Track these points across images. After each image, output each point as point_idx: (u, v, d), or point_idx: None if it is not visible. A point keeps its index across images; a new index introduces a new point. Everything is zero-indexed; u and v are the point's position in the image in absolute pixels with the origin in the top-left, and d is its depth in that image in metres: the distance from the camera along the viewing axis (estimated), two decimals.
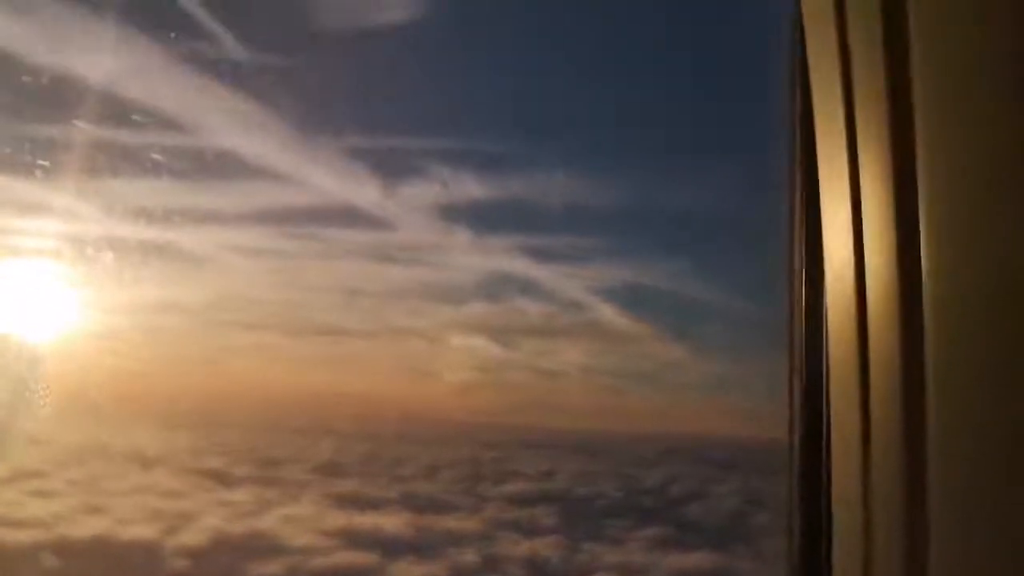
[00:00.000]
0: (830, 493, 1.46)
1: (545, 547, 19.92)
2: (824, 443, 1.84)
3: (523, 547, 19.80)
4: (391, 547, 17.73)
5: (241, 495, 21.89)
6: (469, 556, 18.35)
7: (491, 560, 18.40)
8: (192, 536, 16.96)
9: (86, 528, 16.21)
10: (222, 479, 24.18)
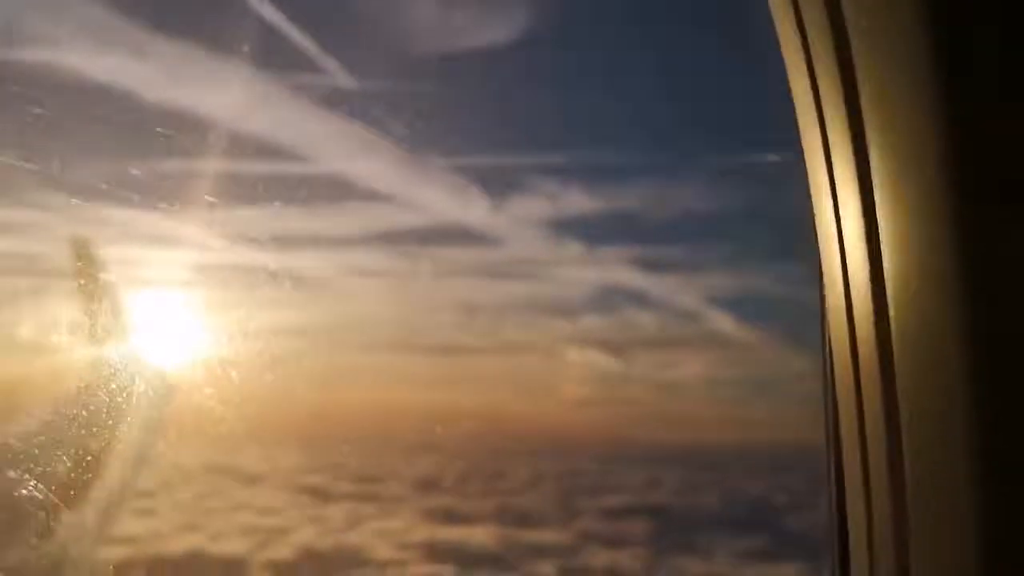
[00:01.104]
0: None
1: (627, 558, 19.96)
2: None
3: (604, 558, 19.91)
4: (469, 559, 18.18)
5: (335, 511, 22.80)
6: (546, 568, 18.60)
7: (567, 571, 18.61)
8: (279, 550, 17.84)
9: (180, 544, 17.26)
10: (321, 495, 25.21)
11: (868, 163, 1.20)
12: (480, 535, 21.30)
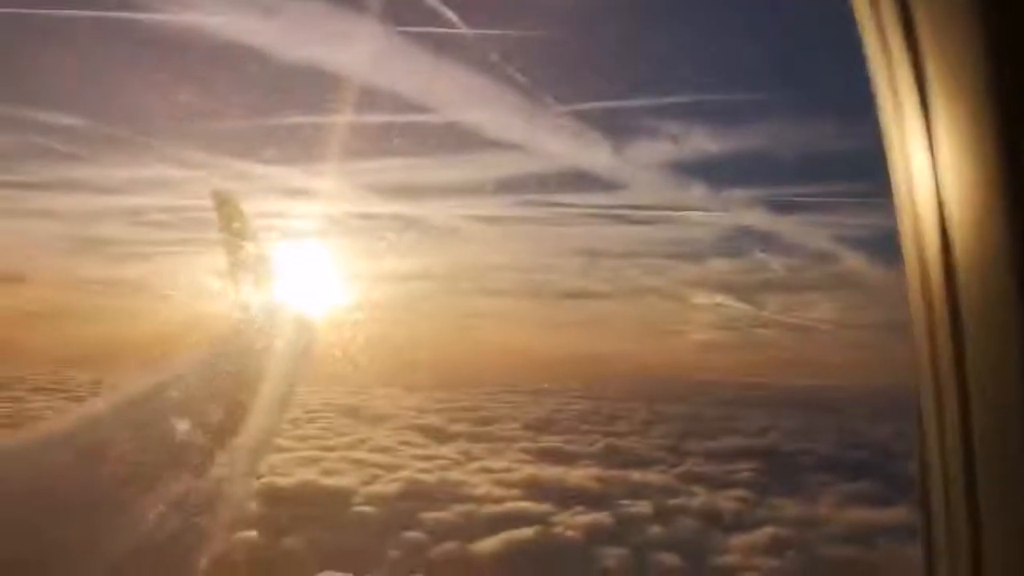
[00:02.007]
0: None
1: (727, 500, 19.98)
2: None
3: (701, 500, 19.98)
4: (565, 498, 18.65)
5: (447, 450, 23.76)
6: (641, 507, 18.91)
7: (663, 511, 18.80)
8: (385, 486, 18.94)
9: (294, 478, 18.61)
10: (436, 435, 26.27)
11: (928, 103, 1.26)
12: (581, 475, 21.83)
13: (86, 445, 3.30)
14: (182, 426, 3.86)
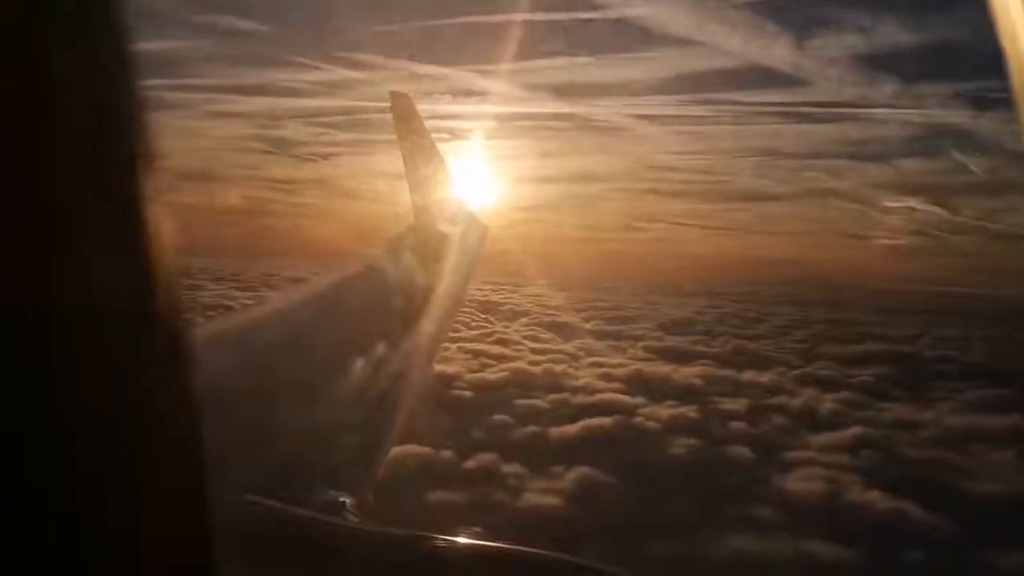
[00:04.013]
0: None
1: (831, 402, 19.78)
2: None
3: (803, 400, 19.88)
4: (660, 393, 19.18)
5: (569, 346, 24.74)
6: (734, 405, 19.40)
7: (756, 409, 18.95)
8: (491, 375, 20.22)
9: None
10: (563, 331, 27.27)
11: None
12: (688, 373, 22.39)
13: (284, 334, 3.57)
14: (369, 316, 4.18)
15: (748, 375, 22.33)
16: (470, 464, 14.16)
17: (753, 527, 12.54)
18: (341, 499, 2.65)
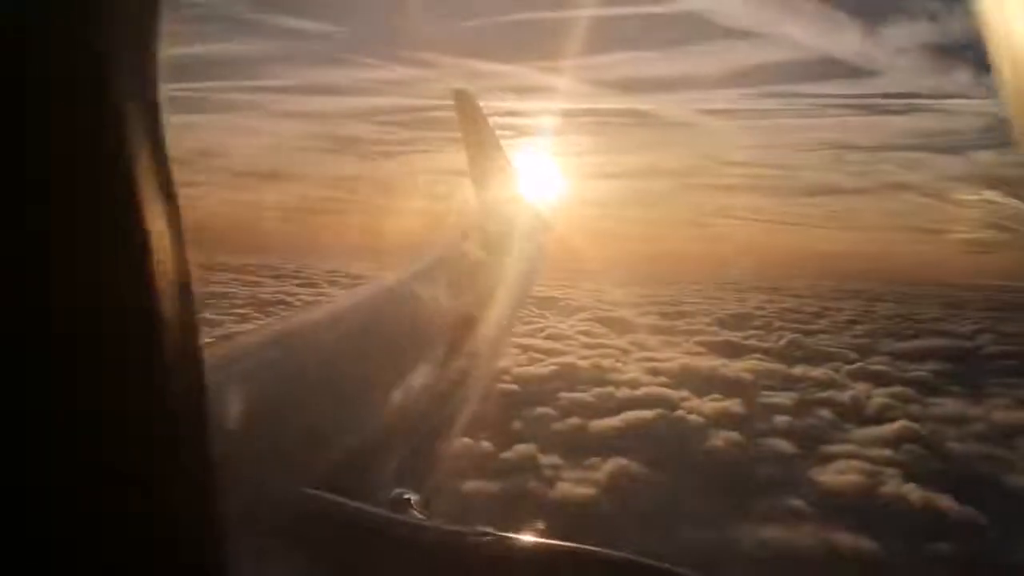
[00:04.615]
0: None
1: (881, 397, 19.63)
2: None
3: (851, 395, 19.73)
4: (707, 387, 19.28)
5: (622, 341, 24.87)
6: (780, 399, 19.47)
7: (804, 403, 18.93)
8: (538, 368, 20.54)
9: None
10: (617, 327, 27.36)
11: None
12: (738, 368, 22.45)
13: (348, 330, 3.56)
14: (434, 313, 4.12)
15: (799, 369, 22.24)
16: (508, 455, 14.54)
17: (784, 518, 12.72)
18: (406, 496, 2.70)
